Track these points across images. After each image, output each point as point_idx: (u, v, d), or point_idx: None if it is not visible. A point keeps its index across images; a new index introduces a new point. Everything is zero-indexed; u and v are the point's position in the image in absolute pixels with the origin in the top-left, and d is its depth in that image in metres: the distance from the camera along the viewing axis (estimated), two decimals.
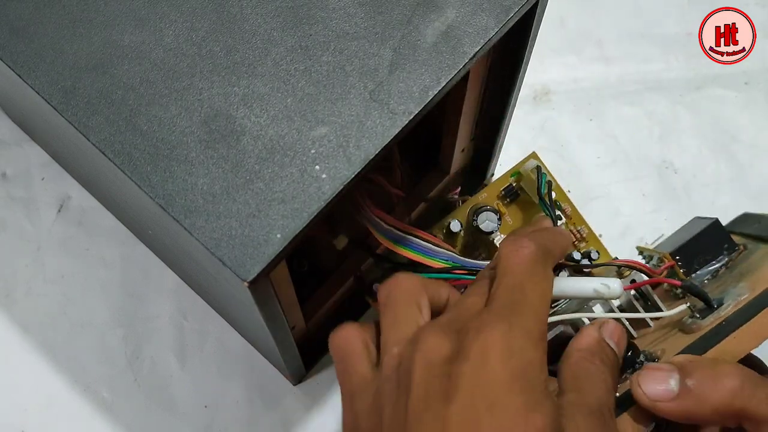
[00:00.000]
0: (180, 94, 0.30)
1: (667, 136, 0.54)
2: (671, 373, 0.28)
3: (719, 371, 0.27)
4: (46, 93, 0.30)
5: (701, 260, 0.37)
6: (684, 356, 0.30)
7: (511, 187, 0.41)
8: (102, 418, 0.45)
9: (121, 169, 0.28)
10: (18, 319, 0.47)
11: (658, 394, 0.28)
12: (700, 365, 0.28)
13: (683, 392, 0.27)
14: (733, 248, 0.37)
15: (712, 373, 0.27)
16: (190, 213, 0.28)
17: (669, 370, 0.28)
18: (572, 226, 0.42)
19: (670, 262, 0.37)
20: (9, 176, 0.51)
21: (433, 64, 0.30)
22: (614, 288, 0.32)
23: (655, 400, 0.28)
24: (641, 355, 0.33)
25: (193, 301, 0.47)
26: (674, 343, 0.32)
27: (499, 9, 0.31)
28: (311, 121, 0.29)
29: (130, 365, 0.46)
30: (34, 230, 0.49)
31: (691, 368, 0.28)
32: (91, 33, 0.31)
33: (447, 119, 0.40)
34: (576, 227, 0.42)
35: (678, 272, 0.37)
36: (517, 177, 0.41)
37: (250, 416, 0.45)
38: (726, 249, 0.37)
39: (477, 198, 0.42)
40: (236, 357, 0.46)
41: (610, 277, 0.32)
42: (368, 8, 0.31)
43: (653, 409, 0.28)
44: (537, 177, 0.40)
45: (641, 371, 0.29)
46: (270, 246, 0.27)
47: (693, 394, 0.27)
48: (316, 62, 0.30)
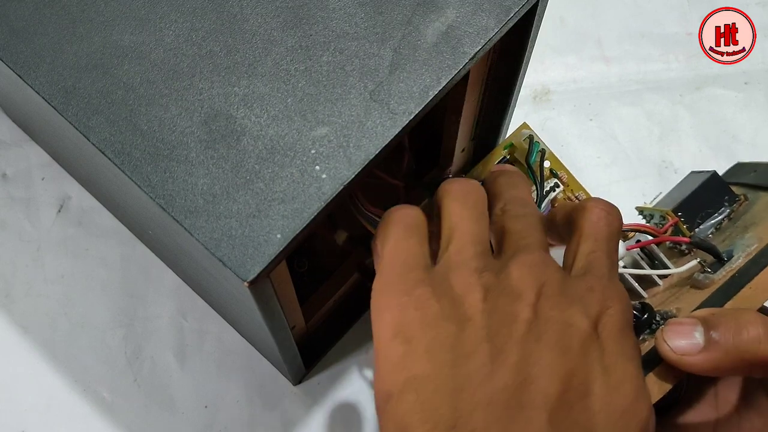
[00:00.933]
0: (180, 94, 0.30)
1: (667, 136, 0.54)
2: (696, 326, 0.28)
3: (743, 321, 0.27)
4: (46, 93, 0.30)
5: (703, 214, 0.36)
6: (705, 309, 0.30)
7: (505, 159, 0.41)
8: (102, 418, 0.45)
9: (121, 169, 0.28)
10: (18, 319, 0.47)
11: (684, 348, 0.28)
12: (723, 316, 0.28)
13: (709, 344, 0.27)
14: (734, 199, 0.36)
15: (735, 324, 0.27)
16: (190, 213, 0.28)
17: (693, 323, 0.28)
18: (570, 193, 0.42)
19: (674, 219, 0.36)
20: (9, 176, 0.51)
21: (434, 64, 0.30)
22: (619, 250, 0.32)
23: (682, 354, 0.28)
24: (657, 315, 0.32)
25: (193, 301, 0.47)
26: (689, 300, 0.32)
27: (499, 9, 0.31)
28: (311, 121, 0.29)
29: (130, 365, 0.46)
30: (34, 230, 0.49)
31: (714, 320, 0.28)
32: (91, 33, 0.31)
33: (447, 119, 0.40)
34: (574, 194, 0.42)
35: (682, 228, 0.36)
36: (510, 149, 0.41)
37: (250, 416, 0.45)
38: (727, 200, 0.36)
39: (472, 173, 0.42)
40: (236, 357, 0.46)
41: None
42: (368, 8, 0.31)
43: (680, 363, 0.28)
44: (529, 146, 0.40)
45: (665, 327, 0.29)
46: (270, 246, 0.27)
47: (719, 346, 0.27)
48: (317, 62, 0.30)
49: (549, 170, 0.42)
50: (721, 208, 0.36)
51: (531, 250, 0.28)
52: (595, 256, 0.29)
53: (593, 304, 0.27)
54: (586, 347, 0.26)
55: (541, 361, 0.25)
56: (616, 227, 0.30)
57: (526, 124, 0.41)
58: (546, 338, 0.25)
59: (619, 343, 0.26)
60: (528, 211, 0.31)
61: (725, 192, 0.36)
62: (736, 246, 0.32)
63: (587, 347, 0.26)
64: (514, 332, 0.25)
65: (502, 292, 0.27)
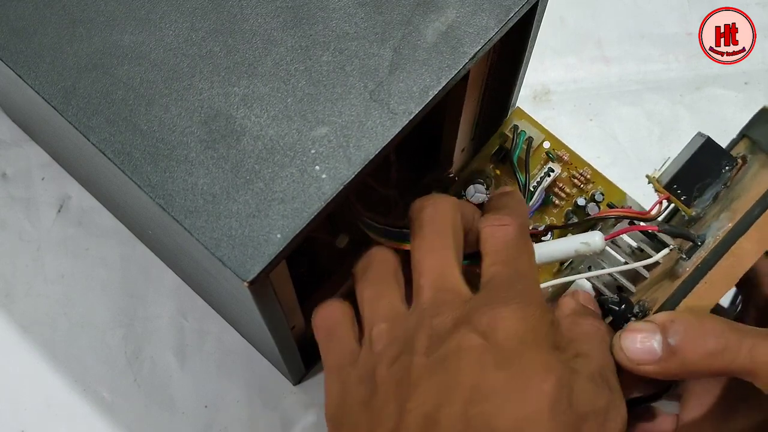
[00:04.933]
0: (180, 94, 0.30)
1: (667, 136, 0.54)
2: (653, 333, 0.27)
3: (701, 330, 0.26)
4: (46, 93, 0.30)
5: (701, 185, 0.33)
6: (665, 314, 0.28)
7: (501, 149, 0.41)
8: (102, 418, 0.45)
9: (121, 169, 0.28)
10: (18, 319, 0.47)
11: (640, 357, 0.27)
12: (682, 323, 0.27)
13: (666, 353, 0.26)
14: (732, 163, 0.33)
15: (694, 333, 0.26)
16: (190, 213, 0.28)
17: (651, 330, 0.27)
18: (573, 170, 0.41)
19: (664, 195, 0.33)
20: (9, 176, 0.51)
21: (434, 64, 0.30)
22: (595, 243, 0.31)
23: (638, 364, 0.27)
24: (635, 307, 0.31)
25: (193, 301, 0.47)
26: (664, 291, 0.30)
27: (499, 9, 0.31)
28: (311, 121, 0.29)
29: (130, 365, 0.46)
30: (34, 230, 0.49)
31: (673, 329, 0.27)
32: (91, 33, 0.31)
33: (447, 119, 0.40)
34: (578, 171, 0.41)
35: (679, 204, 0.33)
36: (503, 138, 0.41)
37: (250, 416, 0.45)
38: (725, 165, 0.33)
39: (471, 166, 0.41)
40: (236, 357, 0.46)
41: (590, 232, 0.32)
42: (368, 8, 0.31)
43: (637, 372, 0.27)
44: (512, 138, 0.40)
45: (622, 333, 0.28)
46: (270, 246, 0.27)
47: (677, 356, 0.26)
48: (316, 62, 0.30)
49: (547, 152, 0.41)
50: (719, 175, 0.33)
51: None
52: (495, 269, 0.29)
53: (482, 319, 0.26)
54: (480, 361, 0.26)
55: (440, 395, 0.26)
56: (510, 232, 0.30)
57: (519, 109, 0.41)
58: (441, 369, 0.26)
59: (513, 348, 0.26)
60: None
61: (721, 156, 0.33)
62: (710, 228, 0.30)
63: (482, 360, 0.26)
64: (410, 385, 0.26)
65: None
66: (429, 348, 0.27)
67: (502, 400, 0.25)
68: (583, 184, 0.41)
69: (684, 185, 0.33)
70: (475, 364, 0.25)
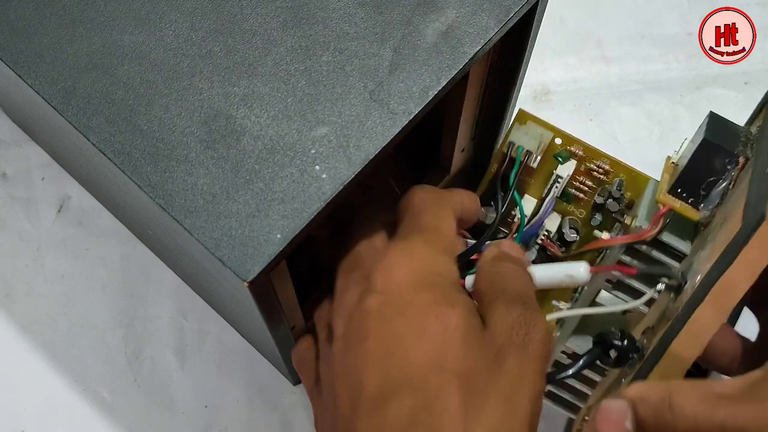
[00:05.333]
0: (180, 94, 0.30)
1: (667, 136, 0.54)
2: (626, 413, 0.26)
3: (673, 404, 0.25)
4: (46, 93, 0.30)
5: (707, 184, 0.31)
6: (637, 388, 0.27)
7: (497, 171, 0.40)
8: (102, 418, 0.45)
9: (121, 169, 0.28)
10: (18, 319, 0.47)
11: None
12: (652, 399, 0.26)
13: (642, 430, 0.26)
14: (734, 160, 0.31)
15: (666, 407, 0.25)
16: (190, 213, 0.28)
17: (623, 411, 0.26)
18: (590, 163, 0.40)
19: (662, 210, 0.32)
20: (9, 176, 0.51)
21: (433, 64, 0.30)
22: (579, 275, 0.31)
23: None
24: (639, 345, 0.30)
25: (193, 301, 0.47)
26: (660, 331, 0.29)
27: (499, 9, 0.31)
28: (311, 121, 0.29)
29: (130, 365, 0.46)
30: (34, 230, 0.49)
31: (643, 407, 0.26)
32: (91, 33, 0.31)
33: (447, 119, 0.39)
34: (595, 163, 0.40)
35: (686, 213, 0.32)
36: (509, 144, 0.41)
37: (250, 416, 0.45)
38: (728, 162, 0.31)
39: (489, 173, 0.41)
40: (236, 357, 0.46)
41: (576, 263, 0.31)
42: (368, 8, 0.31)
43: None
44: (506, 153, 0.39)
45: (595, 413, 0.27)
46: (270, 246, 0.27)
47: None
48: (316, 62, 0.30)
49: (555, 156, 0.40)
50: (724, 172, 0.31)
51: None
52: (396, 230, 0.33)
53: (377, 278, 0.29)
54: (382, 316, 0.28)
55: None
56: (417, 192, 0.34)
57: (522, 111, 0.40)
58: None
59: (406, 294, 0.28)
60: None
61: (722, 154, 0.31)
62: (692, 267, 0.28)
63: (383, 315, 0.28)
64: (336, 373, 0.30)
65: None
66: (345, 328, 0.29)
67: (409, 343, 0.27)
68: (603, 175, 0.40)
69: (689, 188, 0.32)
70: (378, 322, 0.28)
